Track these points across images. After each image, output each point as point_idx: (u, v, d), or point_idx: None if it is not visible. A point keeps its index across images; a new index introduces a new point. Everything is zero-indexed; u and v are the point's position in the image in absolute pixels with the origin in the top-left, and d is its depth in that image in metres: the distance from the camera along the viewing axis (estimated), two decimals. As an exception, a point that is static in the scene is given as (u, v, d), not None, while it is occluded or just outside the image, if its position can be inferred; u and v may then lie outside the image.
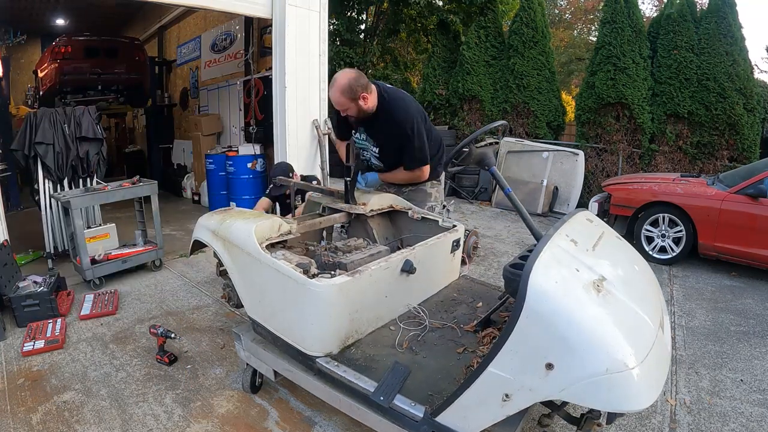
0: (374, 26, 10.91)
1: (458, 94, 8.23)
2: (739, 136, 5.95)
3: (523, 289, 1.23)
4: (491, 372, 1.28)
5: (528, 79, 7.50)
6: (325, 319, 1.78)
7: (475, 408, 1.36)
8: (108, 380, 2.43)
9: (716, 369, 2.64)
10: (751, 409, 2.26)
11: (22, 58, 10.15)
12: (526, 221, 1.76)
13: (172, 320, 3.15)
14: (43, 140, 3.95)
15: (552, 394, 1.23)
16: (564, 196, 6.71)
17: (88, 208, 4.17)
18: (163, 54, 9.45)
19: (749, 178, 4.10)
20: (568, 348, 1.18)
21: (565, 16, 19.68)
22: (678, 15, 6.28)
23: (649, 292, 1.57)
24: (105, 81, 7.53)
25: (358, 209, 2.45)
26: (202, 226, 2.31)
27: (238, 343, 2.27)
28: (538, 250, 1.32)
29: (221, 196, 6.16)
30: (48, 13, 8.61)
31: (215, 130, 7.38)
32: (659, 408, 2.25)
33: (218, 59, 7.49)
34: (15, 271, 3.34)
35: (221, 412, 2.20)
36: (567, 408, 1.64)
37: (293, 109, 4.86)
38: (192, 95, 8.47)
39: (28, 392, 2.33)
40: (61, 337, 2.80)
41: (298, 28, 4.77)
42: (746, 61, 6.01)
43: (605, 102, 6.57)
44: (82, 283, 3.70)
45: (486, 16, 8.37)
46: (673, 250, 4.43)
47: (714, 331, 3.11)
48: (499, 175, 1.84)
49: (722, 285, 3.98)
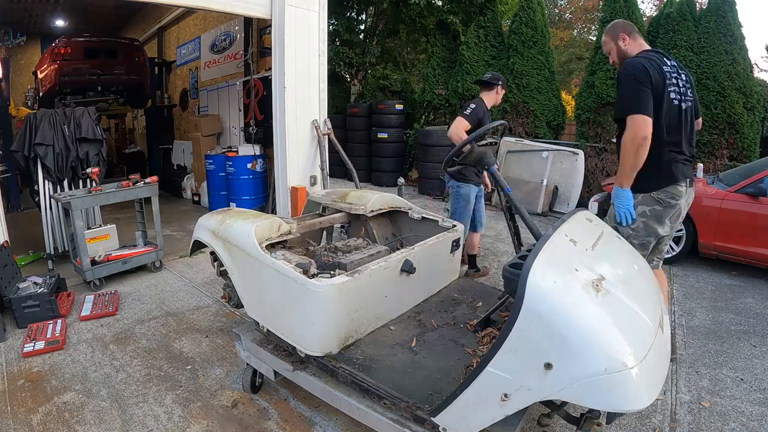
0: (374, 26, 10.91)
1: (458, 93, 8.23)
2: (738, 135, 5.95)
3: (522, 288, 1.23)
4: (490, 372, 1.29)
5: (528, 78, 7.49)
6: (325, 319, 1.78)
7: (475, 408, 1.36)
8: (108, 381, 2.43)
9: (716, 368, 2.64)
10: (751, 408, 2.26)
11: (21, 60, 10.15)
12: (526, 221, 1.76)
13: (172, 321, 3.15)
14: (43, 141, 3.96)
15: (551, 394, 1.23)
16: (564, 196, 6.70)
17: (88, 209, 4.17)
18: (163, 55, 9.45)
19: (749, 177, 4.10)
20: (567, 348, 1.18)
21: (564, 16, 19.68)
22: (677, 14, 6.28)
23: (648, 292, 1.57)
24: (105, 82, 7.51)
25: (358, 209, 2.45)
26: (202, 227, 2.31)
27: (238, 343, 2.27)
28: (537, 250, 1.32)
29: (221, 197, 6.16)
30: (48, 14, 8.62)
31: (215, 130, 7.38)
32: (659, 407, 2.25)
33: (218, 60, 7.50)
34: (15, 272, 3.34)
35: (221, 412, 2.20)
36: (566, 408, 1.64)
37: (293, 109, 4.86)
38: (192, 96, 8.47)
39: (29, 393, 2.33)
40: (62, 338, 2.80)
41: (297, 28, 4.77)
42: (746, 60, 6.01)
43: (605, 101, 6.57)
44: (82, 284, 3.70)
45: (485, 15, 8.37)
46: (673, 250, 4.43)
47: (714, 330, 3.11)
48: (498, 174, 1.84)
49: (722, 284, 3.98)
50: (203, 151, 6.73)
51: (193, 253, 2.72)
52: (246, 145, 6.06)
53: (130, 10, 8.97)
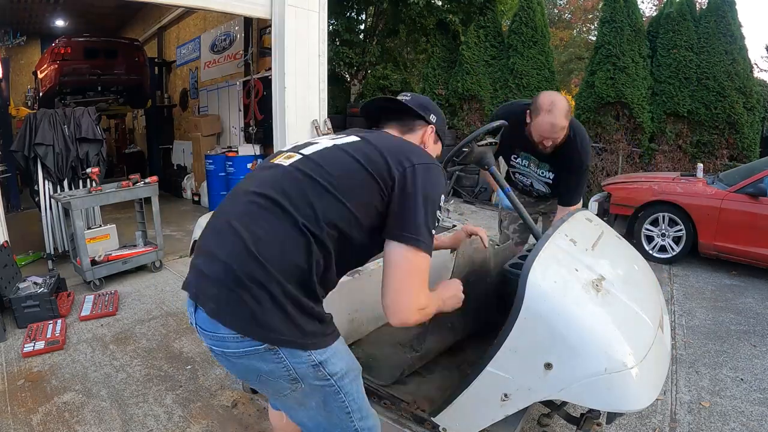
0: (374, 26, 10.91)
1: (458, 93, 8.23)
2: (738, 135, 5.95)
3: (522, 288, 1.23)
4: (490, 372, 1.28)
5: (528, 78, 7.50)
6: (325, 320, 1.78)
7: (475, 408, 1.36)
8: (108, 381, 2.43)
9: (716, 368, 2.64)
10: (751, 408, 2.26)
11: (21, 60, 10.15)
12: (526, 221, 1.76)
13: (172, 321, 3.15)
14: (43, 141, 3.96)
15: (551, 394, 1.22)
16: (564, 196, 6.70)
17: (88, 209, 4.17)
18: (163, 55, 9.45)
19: (749, 177, 4.10)
20: (567, 347, 1.18)
21: (564, 16, 19.68)
22: (677, 14, 6.28)
23: (648, 292, 1.57)
24: (105, 82, 7.52)
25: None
26: (202, 227, 2.31)
27: (238, 344, 2.26)
28: (537, 250, 1.32)
29: (221, 197, 6.10)
30: (48, 14, 8.62)
31: (215, 130, 7.38)
32: (659, 407, 2.25)
33: (218, 60, 7.50)
34: (15, 272, 3.34)
35: (221, 412, 2.20)
36: (567, 408, 1.64)
37: (293, 109, 4.86)
38: (192, 96, 8.47)
39: (29, 393, 2.33)
40: (62, 338, 2.80)
41: (297, 28, 4.77)
42: (746, 59, 6.02)
43: (605, 101, 6.57)
44: (82, 284, 3.70)
45: (485, 15, 8.37)
46: (673, 249, 4.43)
47: (714, 330, 3.11)
48: (498, 174, 1.84)
49: (722, 284, 3.98)
50: (203, 151, 6.73)
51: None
52: (246, 145, 6.06)
53: (130, 10, 8.97)
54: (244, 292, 0.99)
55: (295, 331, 1.01)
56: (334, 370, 1.08)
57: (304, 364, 1.04)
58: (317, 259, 1.03)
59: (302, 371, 1.04)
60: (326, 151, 1.14)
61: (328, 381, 1.08)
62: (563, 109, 1.98)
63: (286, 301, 1.00)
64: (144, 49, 8.30)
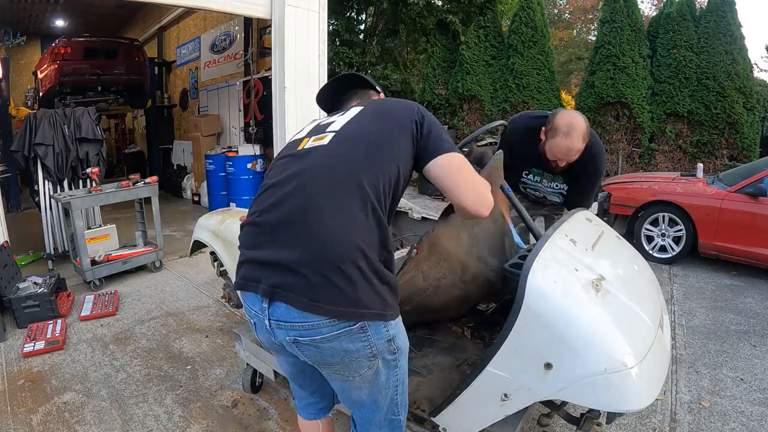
0: (373, 26, 10.90)
1: (458, 93, 8.23)
2: (738, 135, 5.95)
3: (522, 288, 1.23)
4: (490, 372, 1.28)
5: (527, 78, 7.50)
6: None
7: (474, 408, 1.36)
8: (108, 381, 2.43)
9: (716, 368, 2.63)
10: (751, 408, 2.26)
11: (21, 60, 10.15)
12: (526, 221, 1.76)
13: (172, 321, 3.15)
14: (43, 141, 3.96)
15: (551, 394, 1.23)
16: (564, 196, 6.70)
17: (88, 209, 4.17)
18: (163, 55, 9.45)
19: (749, 177, 4.10)
20: (567, 347, 1.18)
21: (564, 16, 19.68)
22: (677, 14, 6.28)
23: (648, 292, 1.56)
24: (105, 82, 7.52)
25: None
26: (202, 227, 2.31)
27: (238, 343, 2.27)
28: (537, 250, 1.32)
29: (221, 197, 6.16)
30: (48, 14, 8.62)
31: (215, 130, 7.38)
32: (659, 407, 2.25)
33: (218, 60, 7.50)
34: (15, 272, 3.34)
35: (221, 412, 2.20)
36: (566, 408, 1.64)
37: (293, 109, 4.86)
38: (192, 96, 8.47)
39: (29, 393, 2.33)
40: (62, 338, 2.80)
41: (297, 28, 4.77)
42: (746, 59, 6.02)
43: (605, 101, 6.58)
44: (82, 284, 3.70)
45: (485, 15, 8.37)
46: (673, 249, 4.43)
47: (714, 330, 3.11)
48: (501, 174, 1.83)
49: (722, 284, 3.98)
50: (203, 151, 6.73)
51: (193, 253, 2.72)
52: (246, 145, 6.06)
53: (130, 10, 8.96)
54: (333, 275, 1.02)
55: (380, 303, 1.07)
56: (400, 345, 1.15)
57: (382, 339, 1.09)
58: (383, 224, 1.10)
59: (381, 346, 1.10)
60: (351, 124, 1.21)
61: (394, 356, 1.14)
62: (581, 132, 1.90)
63: (372, 275, 1.05)
64: (144, 49, 8.30)
